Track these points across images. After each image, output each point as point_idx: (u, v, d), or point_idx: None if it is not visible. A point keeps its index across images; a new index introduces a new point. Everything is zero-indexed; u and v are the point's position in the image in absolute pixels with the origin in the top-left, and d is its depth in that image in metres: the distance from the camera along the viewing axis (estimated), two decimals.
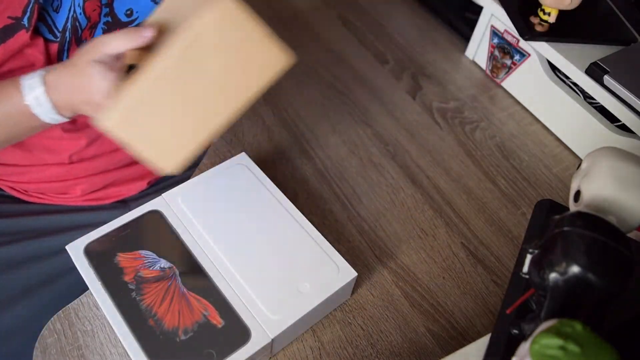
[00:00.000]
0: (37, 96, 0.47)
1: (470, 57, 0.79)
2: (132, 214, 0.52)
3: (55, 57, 0.57)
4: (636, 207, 0.37)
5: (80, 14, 0.56)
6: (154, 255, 0.49)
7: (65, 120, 0.49)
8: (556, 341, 0.29)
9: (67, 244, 0.65)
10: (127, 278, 0.47)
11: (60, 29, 0.56)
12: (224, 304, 0.46)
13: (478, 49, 0.77)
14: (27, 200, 0.66)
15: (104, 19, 0.59)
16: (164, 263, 0.48)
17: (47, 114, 0.48)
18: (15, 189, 0.66)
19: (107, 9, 0.59)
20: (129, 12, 0.61)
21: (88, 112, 0.47)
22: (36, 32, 0.55)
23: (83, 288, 0.50)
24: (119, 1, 0.59)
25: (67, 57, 0.58)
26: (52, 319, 0.49)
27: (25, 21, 0.52)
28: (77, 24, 0.57)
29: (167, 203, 0.52)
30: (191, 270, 0.48)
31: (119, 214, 0.69)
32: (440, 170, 0.64)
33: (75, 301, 0.51)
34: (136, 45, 0.46)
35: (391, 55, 0.78)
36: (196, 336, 0.44)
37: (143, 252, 0.49)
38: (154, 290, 0.46)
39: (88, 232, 0.68)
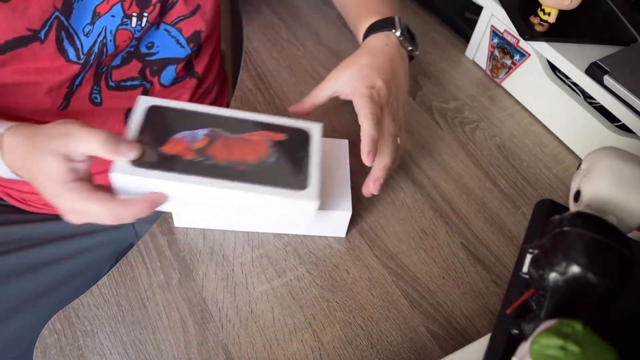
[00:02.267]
0: None
1: (470, 57, 0.79)
2: (135, 117, 0.50)
3: (71, 78, 0.58)
4: (636, 207, 0.37)
5: (111, 40, 0.57)
6: (189, 131, 0.49)
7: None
8: (556, 341, 0.29)
9: (65, 252, 0.64)
10: (189, 157, 0.47)
11: (85, 52, 0.56)
12: (273, 125, 0.51)
13: (478, 49, 0.77)
14: (25, 209, 0.66)
15: (127, 48, 0.60)
16: (202, 131, 0.49)
17: (2, 169, 0.47)
18: (12, 197, 0.66)
19: (136, 42, 0.60)
20: (149, 45, 0.62)
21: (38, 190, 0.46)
22: (62, 54, 0.55)
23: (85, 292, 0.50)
24: (146, 34, 0.60)
25: (82, 80, 0.59)
26: (52, 319, 0.49)
27: (42, 34, 0.52)
28: (105, 49, 0.57)
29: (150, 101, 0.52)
30: (226, 122, 0.50)
31: None
32: (440, 170, 0.64)
33: (75, 301, 0.51)
34: (109, 159, 0.44)
35: None
36: (279, 155, 0.48)
37: (177, 135, 0.49)
38: (217, 149, 0.48)
39: (86, 241, 0.68)
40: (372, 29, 0.61)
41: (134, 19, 0.57)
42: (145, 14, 0.57)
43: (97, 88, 0.61)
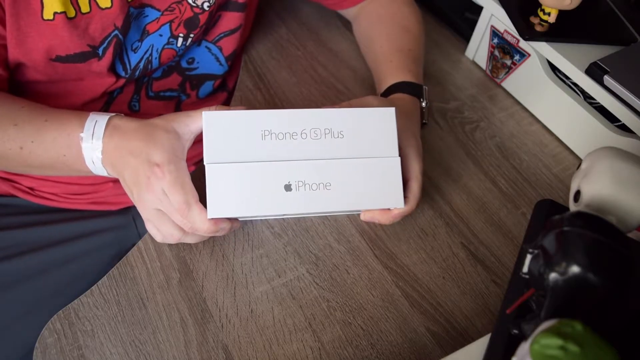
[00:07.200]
0: (94, 152, 0.48)
1: (470, 57, 0.79)
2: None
3: (113, 89, 0.60)
4: (636, 207, 0.37)
5: (156, 58, 0.60)
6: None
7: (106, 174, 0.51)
8: (556, 341, 0.29)
9: (69, 255, 0.65)
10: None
11: (132, 68, 0.59)
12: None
13: (478, 49, 0.77)
14: (31, 200, 0.65)
15: (168, 63, 0.63)
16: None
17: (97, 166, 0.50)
18: (20, 187, 0.65)
19: (178, 58, 0.63)
20: (190, 60, 0.66)
21: (130, 174, 0.47)
22: (111, 69, 0.58)
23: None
24: (188, 49, 0.63)
25: (123, 89, 0.62)
26: (52, 319, 0.49)
27: (100, 51, 0.55)
28: (150, 65, 0.60)
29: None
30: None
31: (122, 221, 0.68)
32: (440, 170, 0.64)
33: (75, 301, 0.51)
34: None
35: None
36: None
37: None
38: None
39: (90, 243, 0.67)
40: (404, 87, 0.62)
41: (180, 39, 0.60)
42: (192, 36, 0.60)
43: (137, 97, 0.64)
